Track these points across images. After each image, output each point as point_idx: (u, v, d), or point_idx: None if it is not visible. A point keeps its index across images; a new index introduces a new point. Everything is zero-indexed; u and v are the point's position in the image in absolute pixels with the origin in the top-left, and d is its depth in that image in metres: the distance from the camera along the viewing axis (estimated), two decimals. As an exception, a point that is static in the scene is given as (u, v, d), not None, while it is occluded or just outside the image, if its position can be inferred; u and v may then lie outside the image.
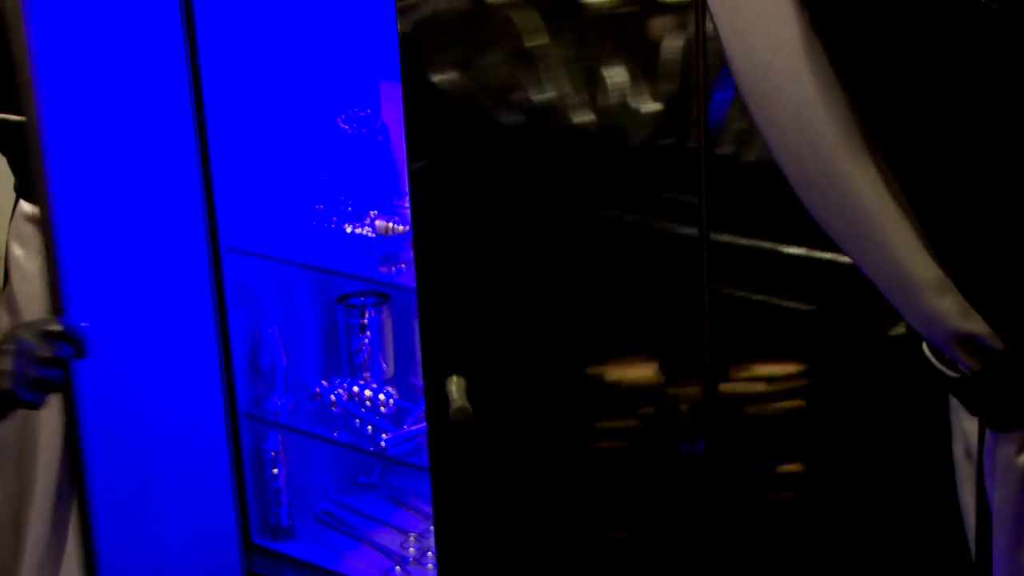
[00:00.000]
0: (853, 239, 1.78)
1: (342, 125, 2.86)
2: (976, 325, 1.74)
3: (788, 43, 1.73)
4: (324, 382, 2.87)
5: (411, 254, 2.70)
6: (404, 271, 2.72)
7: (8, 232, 2.80)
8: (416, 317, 3.01)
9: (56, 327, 2.21)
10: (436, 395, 2.31)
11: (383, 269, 2.74)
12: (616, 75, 2.07)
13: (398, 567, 2.84)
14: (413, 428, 2.78)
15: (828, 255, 2.01)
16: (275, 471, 2.87)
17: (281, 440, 2.87)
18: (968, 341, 1.75)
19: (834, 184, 1.75)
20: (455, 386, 2.26)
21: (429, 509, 2.99)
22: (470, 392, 2.28)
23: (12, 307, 2.80)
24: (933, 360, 1.81)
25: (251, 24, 2.72)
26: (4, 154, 2.84)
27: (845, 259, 1.83)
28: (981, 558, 1.89)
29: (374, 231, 2.77)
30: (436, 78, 2.20)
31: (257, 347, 2.83)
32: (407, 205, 2.85)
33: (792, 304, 2.10)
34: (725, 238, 2.07)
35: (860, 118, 1.73)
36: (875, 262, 1.76)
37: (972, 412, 1.82)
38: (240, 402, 2.81)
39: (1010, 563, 1.86)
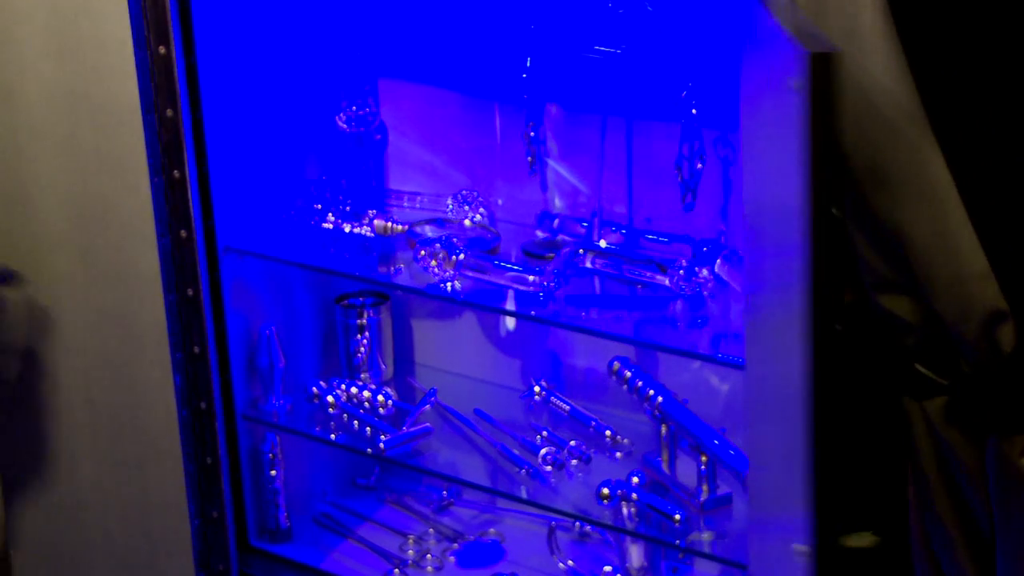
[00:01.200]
0: (919, 218, 1.77)
1: (340, 124, 2.85)
2: (1006, 307, 1.74)
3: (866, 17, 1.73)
4: (322, 383, 2.85)
5: (410, 254, 2.70)
6: (402, 271, 2.70)
7: None
8: (414, 317, 3.01)
9: None
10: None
11: (382, 269, 2.73)
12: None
13: (397, 570, 2.82)
14: (412, 429, 2.76)
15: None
16: (273, 473, 2.85)
17: (279, 441, 2.85)
18: (997, 324, 1.74)
19: (906, 159, 1.74)
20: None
21: (427, 511, 2.99)
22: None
23: None
24: (926, 372, 1.81)
25: (248, 20, 2.70)
26: None
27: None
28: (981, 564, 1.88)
29: (372, 231, 2.75)
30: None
31: (255, 348, 2.81)
32: (401, 205, 2.86)
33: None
34: None
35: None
36: (933, 242, 1.76)
37: (977, 415, 1.81)
38: (237, 403, 2.79)
39: (1016, 566, 1.84)
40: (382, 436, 2.74)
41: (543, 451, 2.64)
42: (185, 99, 2.53)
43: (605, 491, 2.50)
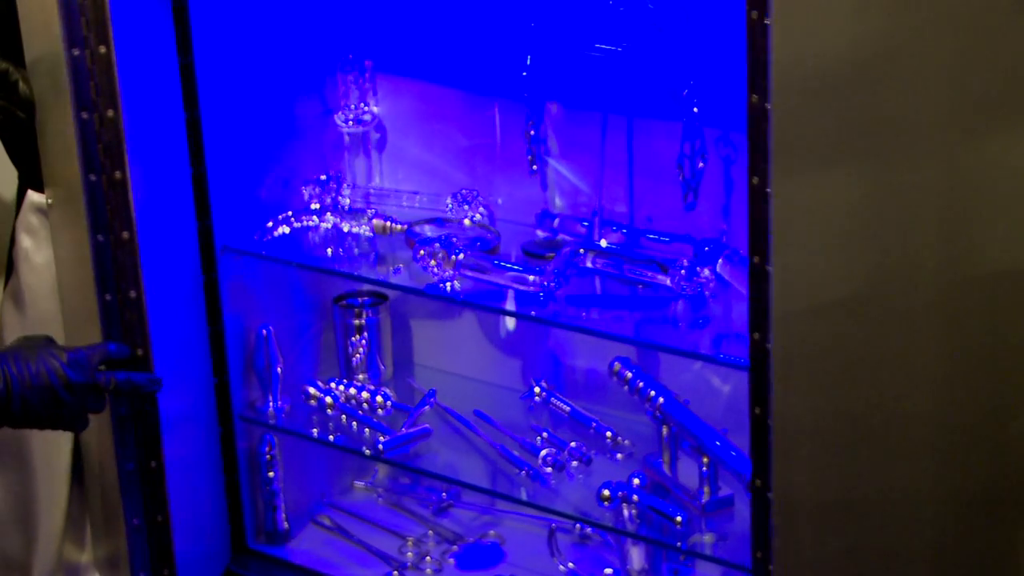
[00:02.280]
0: None
1: (338, 122, 2.83)
2: None
3: None
4: (320, 384, 2.84)
5: (409, 253, 2.68)
6: (401, 270, 2.69)
7: (16, 223, 2.78)
8: (413, 317, 2.99)
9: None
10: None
11: (380, 269, 2.71)
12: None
13: (396, 572, 2.81)
14: (411, 431, 2.74)
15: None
16: (271, 474, 2.84)
17: (277, 443, 2.83)
18: None
19: None
20: None
21: (427, 513, 2.97)
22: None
23: (18, 299, 2.77)
24: None
25: (246, 18, 2.69)
26: (6, 145, 2.81)
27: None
28: None
29: (371, 230, 2.74)
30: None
31: (252, 348, 2.79)
32: (400, 204, 2.85)
33: None
34: None
35: None
36: None
37: None
38: (235, 404, 2.78)
39: None
40: (381, 437, 2.72)
41: (543, 452, 2.62)
42: (126, 99, 2.49)
43: (606, 493, 2.48)
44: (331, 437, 2.78)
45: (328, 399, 2.81)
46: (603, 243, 2.63)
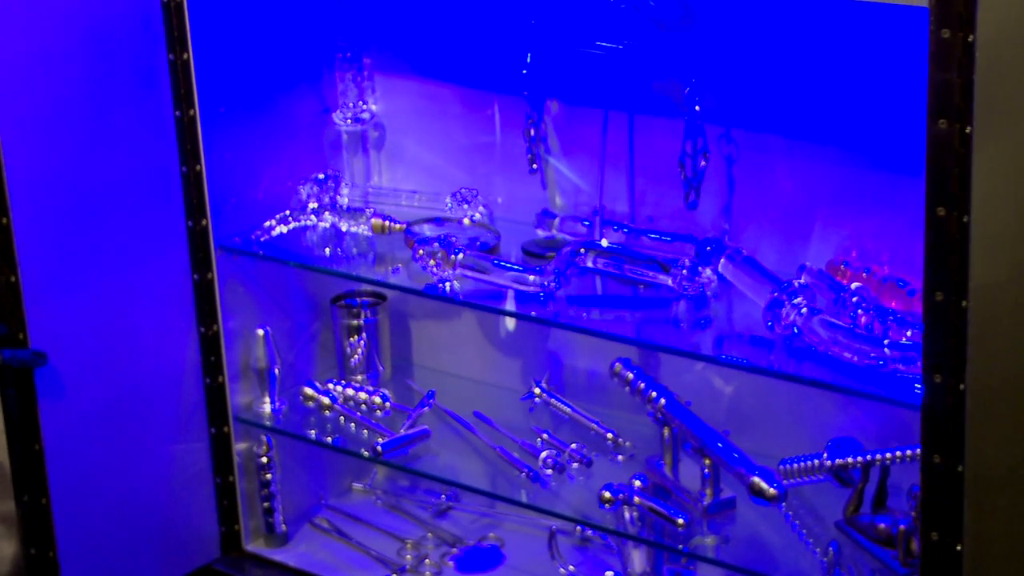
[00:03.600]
0: None
1: (337, 120, 2.82)
2: None
3: None
4: (319, 385, 2.82)
5: (408, 253, 2.67)
6: (400, 270, 2.67)
7: None
8: (412, 318, 2.97)
9: None
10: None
11: (379, 269, 2.69)
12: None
13: (395, 575, 2.79)
14: (410, 432, 2.73)
15: None
16: (268, 476, 2.82)
17: (274, 444, 2.82)
18: None
19: None
20: None
21: (426, 515, 2.95)
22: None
23: None
24: None
25: (244, 16, 2.67)
26: None
27: None
28: None
29: (370, 229, 2.72)
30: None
31: (250, 349, 2.78)
32: (399, 203, 2.83)
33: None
34: None
35: None
36: None
37: None
38: (232, 405, 2.77)
39: None
40: (379, 439, 2.71)
41: (543, 454, 2.61)
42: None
43: (607, 495, 2.46)
44: (329, 439, 2.77)
45: (326, 400, 2.79)
46: (604, 242, 2.61)
